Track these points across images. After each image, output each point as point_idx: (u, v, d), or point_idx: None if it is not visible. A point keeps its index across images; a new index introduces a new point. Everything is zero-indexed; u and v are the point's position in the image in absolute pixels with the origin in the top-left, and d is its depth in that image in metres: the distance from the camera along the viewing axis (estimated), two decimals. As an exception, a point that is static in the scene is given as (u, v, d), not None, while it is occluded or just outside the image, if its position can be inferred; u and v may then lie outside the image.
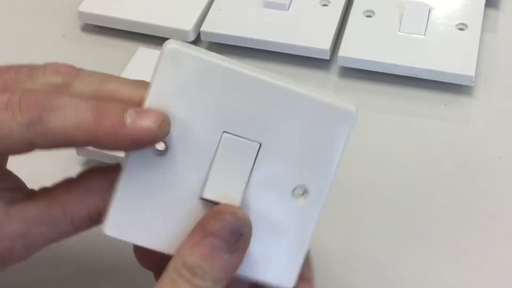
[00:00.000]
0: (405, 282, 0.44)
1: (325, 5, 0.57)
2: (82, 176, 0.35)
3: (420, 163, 0.49)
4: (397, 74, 0.53)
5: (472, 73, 0.52)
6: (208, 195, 0.33)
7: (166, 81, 0.33)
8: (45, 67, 0.33)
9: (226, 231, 0.32)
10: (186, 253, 0.32)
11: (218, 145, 0.33)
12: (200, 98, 0.33)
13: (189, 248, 0.32)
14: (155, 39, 0.56)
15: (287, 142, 0.33)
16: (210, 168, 0.33)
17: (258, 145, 0.33)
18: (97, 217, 0.34)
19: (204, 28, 0.56)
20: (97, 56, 0.57)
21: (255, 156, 0.33)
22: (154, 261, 0.36)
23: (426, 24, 0.55)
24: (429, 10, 0.56)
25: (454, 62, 0.52)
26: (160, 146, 0.33)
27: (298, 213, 0.34)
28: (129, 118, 0.31)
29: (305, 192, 0.34)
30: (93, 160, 0.50)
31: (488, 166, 0.49)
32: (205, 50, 0.33)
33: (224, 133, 0.33)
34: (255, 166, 0.33)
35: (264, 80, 0.33)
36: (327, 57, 0.54)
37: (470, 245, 0.45)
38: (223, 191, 0.33)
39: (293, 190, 0.34)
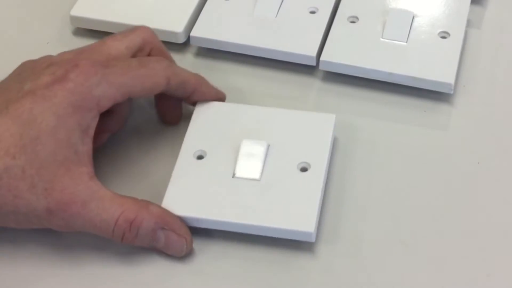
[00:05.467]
0: (386, 285, 0.45)
1: (313, 12, 0.58)
2: None
3: (398, 168, 0.50)
4: (378, 80, 0.54)
5: (451, 80, 0.52)
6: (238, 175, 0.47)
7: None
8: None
9: None
10: None
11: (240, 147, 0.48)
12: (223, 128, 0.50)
13: None
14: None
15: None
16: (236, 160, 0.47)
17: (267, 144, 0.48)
18: None
19: (194, 33, 0.56)
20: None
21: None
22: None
23: (409, 31, 0.55)
24: (413, 17, 0.56)
25: (434, 70, 0.53)
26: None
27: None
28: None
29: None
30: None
31: (466, 171, 0.50)
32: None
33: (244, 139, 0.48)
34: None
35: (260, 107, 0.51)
36: (314, 64, 0.55)
37: (449, 249, 0.46)
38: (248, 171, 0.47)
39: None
